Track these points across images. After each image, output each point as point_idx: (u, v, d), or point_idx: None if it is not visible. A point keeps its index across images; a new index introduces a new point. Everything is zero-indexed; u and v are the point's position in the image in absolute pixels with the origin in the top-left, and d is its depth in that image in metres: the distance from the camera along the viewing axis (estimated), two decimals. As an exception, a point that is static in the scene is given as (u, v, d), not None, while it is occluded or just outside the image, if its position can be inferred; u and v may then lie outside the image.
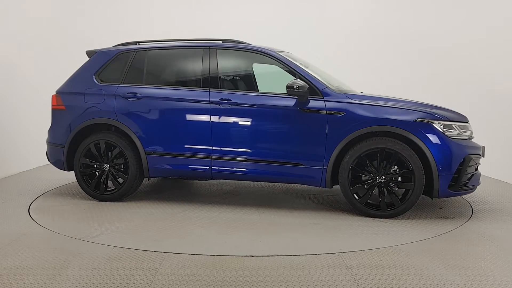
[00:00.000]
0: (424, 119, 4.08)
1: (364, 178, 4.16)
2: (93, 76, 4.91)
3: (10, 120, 6.28)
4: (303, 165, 4.31)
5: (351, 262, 3.12)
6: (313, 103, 4.28)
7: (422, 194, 4.14)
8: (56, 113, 4.98)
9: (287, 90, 4.22)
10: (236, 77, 4.97)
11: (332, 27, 7.77)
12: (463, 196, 4.89)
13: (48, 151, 5.05)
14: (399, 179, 4.13)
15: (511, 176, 5.87)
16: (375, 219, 4.12)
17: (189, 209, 4.52)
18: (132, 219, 4.16)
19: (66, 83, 5.08)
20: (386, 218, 4.11)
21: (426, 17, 7.41)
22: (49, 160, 5.08)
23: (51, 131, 5.03)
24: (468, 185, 4.20)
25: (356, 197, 4.19)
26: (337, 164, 4.24)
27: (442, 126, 4.08)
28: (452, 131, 4.11)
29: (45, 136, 5.04)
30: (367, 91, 5.08)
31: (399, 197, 4.11)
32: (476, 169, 4.32)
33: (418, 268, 3.01)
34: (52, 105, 5.01)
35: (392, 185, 4.10)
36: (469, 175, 4.18)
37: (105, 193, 4.74)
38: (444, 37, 7.15)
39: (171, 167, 4.64)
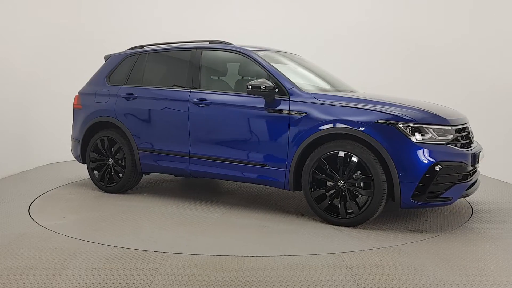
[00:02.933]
0: (386, 120, 3.73)
1: (324, 182, 3.93)
2: (105, 78, 5.39)
3: (10, 120, 6.28)
4: (267, 166, 4.21)
5: (351, 262, 3.12)
6: (278, 103, 4.15)
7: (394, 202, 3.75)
8: (75, 111, 5.54)
9: (246, 90, 4.16)
10: (218, 77, 4.97)
11: (331, 27, 7.78)
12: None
13: (71, 146, 5.61)
14: (362, 185, 3.78)
15: (511, 176, 5.87)
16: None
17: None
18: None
19: (85, 84, 5.59)
20: (345, 226, 3.87)
21: (425, 18, 7.42)
22: (72, 154, 5.62)
23: (73, 128, 5.58)
24: (442, 196, 3.70)
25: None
26: (301, 167, 4.08)
27: (408, 129, 3.67)
28: (423, 134, 3.67)
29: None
30: (366, 91, 5.09)
31: (363, 204, 3.78)
32: (466, 178, 3.81)
33: (418, 268, 3.01)
34: (73, 104, 5.59)
35: (354, 191, 3.81)
36: (446, 185, 3.68)
37: (108, 185, 5.15)
38: (444, 36, 7.16)
39: (157, 164, 4.88)
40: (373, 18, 7.67)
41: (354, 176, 3.79)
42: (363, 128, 3.75)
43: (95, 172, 5.26)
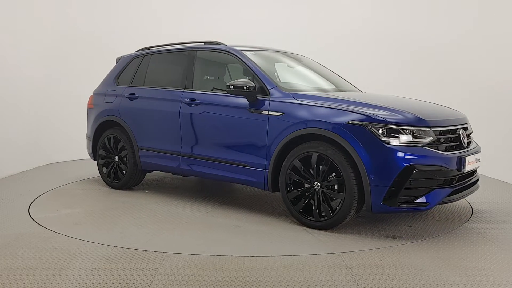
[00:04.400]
0: (357, 121, 3.58)
1: (300, 184, 3.86)
2: (114, 79, 5.59)
3: (10, 120, 6.28)
4: (248, 167, 4.19)
5: (351, 262, 3.12)
6: (259, 103, 4.12)
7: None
8: (89, 110, 5.80)
9: (227, 90, 4.17)
10: (208, 77, 4.99)
11: (330, 27, 7.79)
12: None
13: (86, 144, 5.86)
14: (336, 187, 3.68)
15: (511, 176, 5.86)
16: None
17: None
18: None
19: (98, 85, 5.79)
20: (318, 229, 3.79)
21: (426, 18, 7.42)
22: (87, 151, 5.83)
23: (87, 126, 5.82)
24: (416, 201, 3.52)
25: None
26: (279, 168, 4.02)
27: (380, 130, 3.51)
28: (397, 136, 3.49)
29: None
30: (369, 92, 5.09)
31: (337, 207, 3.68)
32: (449, 183, 3.65)
33: (418, 268, 3.01)
34: (87, 104, 5.83)
35: (327, 194, 3.71)
36: (422, 190, 3.51)
37: (114, 181, 5.35)
38: (444, 37, 7.16)
39: (154, 162, 5.00)
40: (375, 19, 7.68)
41: (328, 178, 3.70)
42: (334, 129, 3.65)
43: (104, 168, 5.47)
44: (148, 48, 5.46)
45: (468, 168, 3.76)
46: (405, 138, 3.50)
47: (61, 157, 7.35)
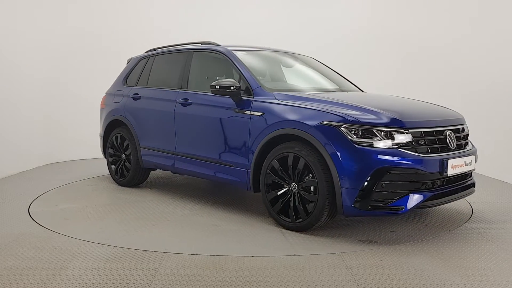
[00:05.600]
0: (330, 122, 3.50)
1: (279, 184, 3.81)
2: (123, 80, 5.74)
3: (10, 120, 6.28)
4: (232, 166, 4.21)
5: (351, 262, 3.12)
6: (244, 103, 4.11)
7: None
8: (101, 110, 5.95)
9: (211, 90, 4.18)
10: (204, 78, 4.99)
11: (330, 27, 7.79)
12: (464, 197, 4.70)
13: (99, 142, 5.99)
14: (312, 189, 3.59)
15: (511, 176, 5.86)
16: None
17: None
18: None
19: (111, 86, 5.93)
20: (294, 231, 3.73)
21: (425, 19, 7.42)
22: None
23: (100, 125, 5.95)
24: (390, 205, 3.37)
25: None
26: (260, 168, 3.98)
27: (352, 131, 3.41)
28: (370, 137, 3.39)
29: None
30: (368, 91, 5.09)
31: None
32: (430, 187, 3.49)
33: (418, 268, 3.01)
34: (100, 104, 6.01)
35: (303, 195, 3.64)
36: (397, 194, 3.37)
37: (120, 179, 5.53)
38: (444, 37, 7.16)
39: (153, 161, 5.12)
40: (375, 19, 7.68)
41: (305, 179, 3.63)
42: (308, 130, 3.58)
43: (112, 166, 5.64)
44: (155, 49, 5.56)
45: (452, 171, 3.57)
46: (378, 139, 3.39)
47: (61, 157, 7.35)
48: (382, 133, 3.41)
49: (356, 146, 3.37)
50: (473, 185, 4.04)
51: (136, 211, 4.42)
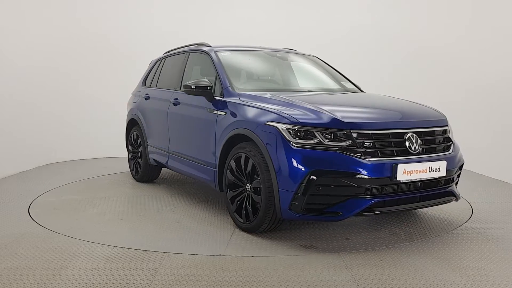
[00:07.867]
0: (272, 122, 3.42)
1: (237, 184, 3.79)
2: (142, 81, 6.01)
3: (10, 120, 6.28)
4: (204, 165, 4.26)
5: (351, 262, 3.12)
6: (216, 103, 4.13)
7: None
8: (127, 109, 6.19)
9: (184, 90, 4.30)
10: (196, 78, 5.00)
11: (330, 27, 7.79)
12: (463, 197, 4.65)
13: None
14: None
15: (511, 176, 5.86)
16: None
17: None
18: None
19: (136, 87, 6.20)
20: (245, 231, 3.72)
21: (425, 19, 7.42)
22: None
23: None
24: (327, 210, 3.23)
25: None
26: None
27: (291, 132, 3.30)
28: (309, 138, 3.26)
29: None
30: (369, 92, 5.09)
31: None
32: (376, 193, 3.23)
33: (418, 268, 3.01)
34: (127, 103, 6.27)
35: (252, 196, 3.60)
36: (334, 198, 3.21)
37: (135, 174, 5.84)
38: (444, 37, 7.16)
39: (155, 158, 5.33)
40: (374, 19, 7.68)
41: (254, 180, 3.58)
42: (255, 130, 3.53)
43: (131, 162, 5.96)
44: (169, 51, 5.72)
45: (405, 177, 3.28)
46: (316, 140, 3.25)
47: (61, 157, 7.35)
48: (322, 134, 3.26)
49: (293, 147, 3.26)
50: (451, 193, 3.68)
51: (115, 205, 4.61)
